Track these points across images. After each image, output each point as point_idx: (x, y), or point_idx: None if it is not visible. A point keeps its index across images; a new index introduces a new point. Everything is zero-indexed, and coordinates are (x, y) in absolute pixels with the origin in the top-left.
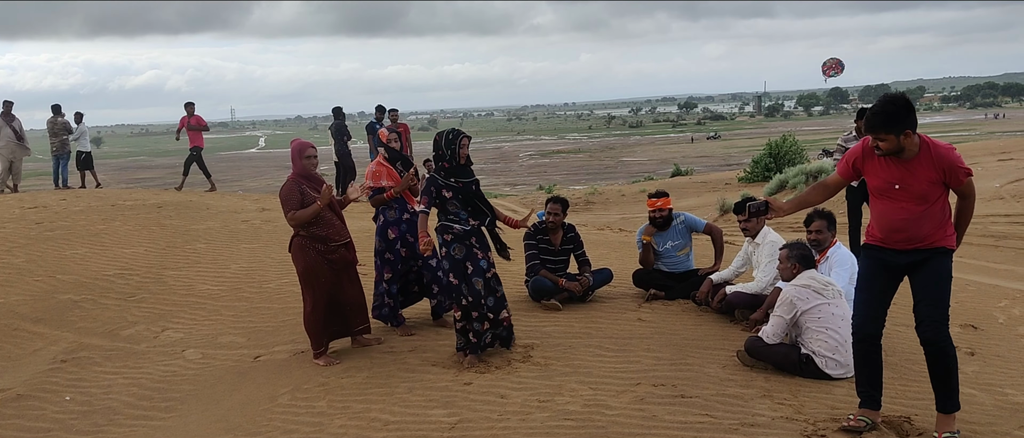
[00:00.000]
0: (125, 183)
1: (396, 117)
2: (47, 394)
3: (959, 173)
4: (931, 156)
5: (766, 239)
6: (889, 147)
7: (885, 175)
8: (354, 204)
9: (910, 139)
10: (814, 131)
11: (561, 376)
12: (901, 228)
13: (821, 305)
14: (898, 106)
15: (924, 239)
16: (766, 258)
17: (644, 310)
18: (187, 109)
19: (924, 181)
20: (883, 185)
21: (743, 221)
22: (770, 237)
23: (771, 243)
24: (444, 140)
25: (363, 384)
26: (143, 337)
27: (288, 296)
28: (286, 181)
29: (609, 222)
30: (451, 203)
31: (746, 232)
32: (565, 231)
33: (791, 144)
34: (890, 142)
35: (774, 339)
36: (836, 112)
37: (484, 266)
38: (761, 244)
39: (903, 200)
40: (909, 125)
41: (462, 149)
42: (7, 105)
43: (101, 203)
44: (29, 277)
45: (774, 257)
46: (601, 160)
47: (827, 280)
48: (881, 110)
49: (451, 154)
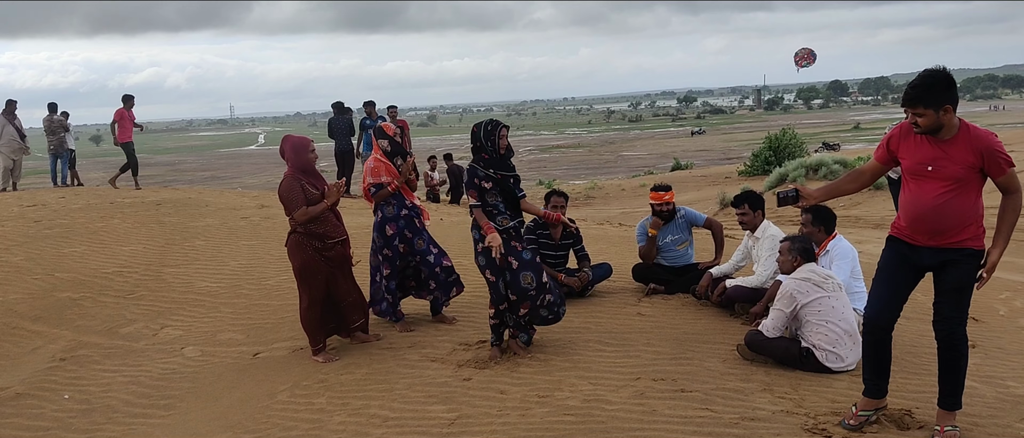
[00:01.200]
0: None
1: (395, 113)
2: (46, 392)
3: (1000, 161)
4: (970, 137)
5: (766, 233)
6: (928, 123)
7: (920, 155)
8: (352, 200)
9: (949, 117)
10: (814, 125)
11: (561, 371)
12: (926, 216)
13: (821, 298)
14: (938, 80)
15: (948, 233)
16: (766, 252)
17: (644, 304)
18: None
19: (960, 164)
20: (915, 166)
21: (742, 215)
22: (770, 231)
23: (771, 237)
24: (483, 132)
25: (362, 380)
26: (142, 335)
27: (287, 292)
28: (284, 178)
29: (609, 216)
30: (490, 195)
31: (744, 226)
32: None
33: (791, 138)
34: (928, 118)
35: (774, 332)
36: (836, 105)
37: (528, 257)
38: (761, 238)
39: (935, 180)
40: (949, 101)
41: (502, 139)
42: (10, 104)
43: (100, 201)
44: (28, 275)
45: (774, 251)
46: (600, 155)
47: (827, 273)
48: (920, 83)
49: (491, 146)
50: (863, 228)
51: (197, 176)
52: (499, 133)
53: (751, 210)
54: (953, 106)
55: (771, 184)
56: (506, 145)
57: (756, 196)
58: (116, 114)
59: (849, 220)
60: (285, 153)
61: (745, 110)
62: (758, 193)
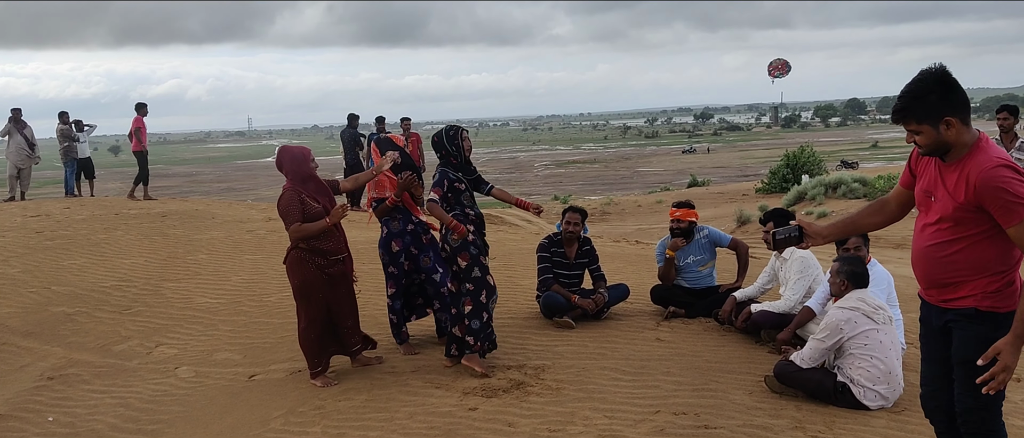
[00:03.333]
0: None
1: (408, 126)
2: (30, 414)
3: (1007, 201)
4: (971, 164)
5: (794, 254)
6: (928, 142)
7: (926, 179)
8: (358, 214)
9: (956, 132)
10: (831, 142)
11: (574, 402)
12: (918, 262)
13: (870, 331)
14: (930, 84)
15: (947, 287)
16: (795, 274)
17: (663, 329)
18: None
19: (951, 199)
20: (920, 194)
21: (767, 234)
22: (798, 253)
23: (800, 259)
24: (445, 138)
25: (361, 408)
26: (135, 353)
27: (288, 310)
28: (284, 192)
29: (625, 233)
30: (465, 197)
31: (770, 246)
32: (580, 244)
33: (809, 155)
34: (927, 135)
35: (809, 364)
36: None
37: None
38: (789, 259)
39: (929, 217)
40: (952, 110)
41: (465, 142)
42: (16, 113)
43: (105, 212)
44: (23, 288)
45: (804, 273)
46: (616, 170)
47: (878, 303)
48: (909, 89)
49: (456, 149)
50: (883, 248)
51: (213, 187)
52: (461, 136)
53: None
54: (960, 117)
55: (789, 201)
56: (470, 147)
57: (786, 214)
58: (135, 122)
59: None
60: (283, 165)
61: (762, 127)
62: (788, 211)
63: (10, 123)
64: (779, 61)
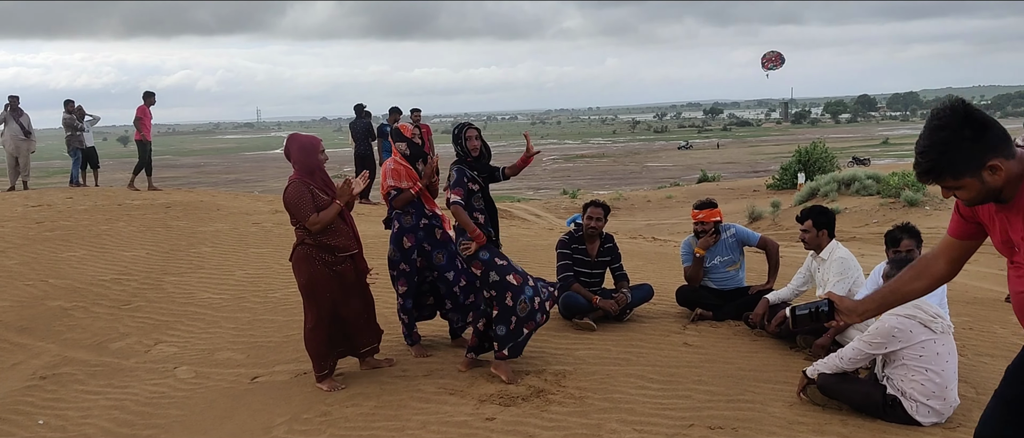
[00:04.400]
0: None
1: (418, 117)
2: (19, 416)
3: None
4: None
5: (833, 255)
6: (974, 195)
7: (994, 228)
8: (371, 207)
9: (1004, 172)
10: (842, 139)
11: (599, 413)
12: (1016, 310)
13: (926, 341)
14: (955, 130)
15: None
16: (834, 276)
17: (690, 333)
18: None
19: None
20: (999, 245)
21: (804, 232)
22: (838, 253)
23: (840, 259)
24: (453, 135)
25: (370, 415)
26: (133, 351)
27: (294, 307)
28: (290, 183)
29: (635, 227)
30: (476, 198)
31: (807, 245)
32: (602, 241)
33: (821, 151)
34: (970, 188)
35: (850, 366)
36: (864, 120)
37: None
38: (827, 260)
39: (1020, 259)
40: (989, 152)
41: (469, 142)
42: (13, 100)
43: (108, 202)
44: (20, 281)
45: (844, 275)
46: (625, 165)
47: (936, 311)
48: (930, 144)
49: (461, 148)
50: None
51: (221, 178)
52: (465, 134)
53: (815, 228)
54: (1004, 155)
55: (802, 198)
56: (478, 147)
57: (823, 213)
58: (139, 111)
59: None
60: (291, 154)
61: (772, 123)
62: (827, 209)
63: (6, 110)
64: (772, 53)
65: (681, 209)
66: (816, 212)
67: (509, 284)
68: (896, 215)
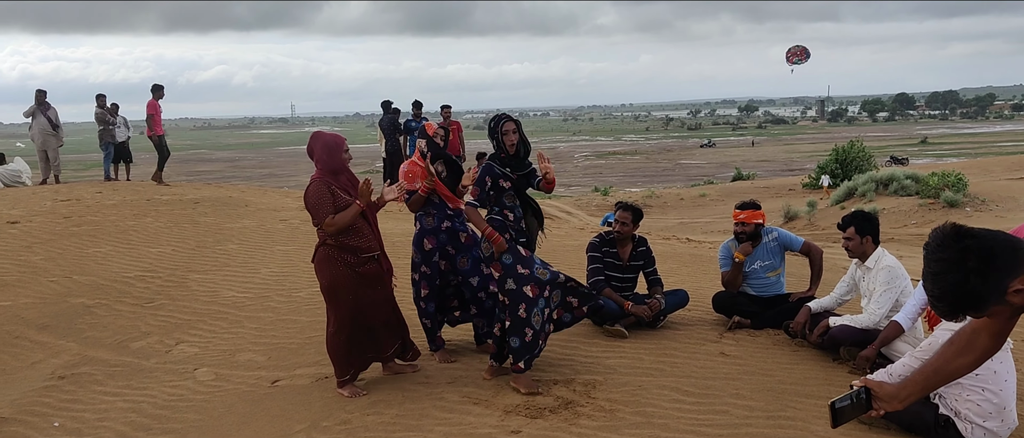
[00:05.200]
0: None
1: (448, 114)
2: (35, 418)
3: None
4: None
5: (879, 263)
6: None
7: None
8: (397, 205)
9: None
10: (879, 137)
11: (631, 428)
12: None
13: None
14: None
15: None
16: (881, 286)
17: (727, 342)
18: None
19: None
20: None
21: (847, 239)
22: (885, 261)
23: (887, 268)
24: (489, 128)
25: (390, 424)
26: (154, 351)
27: (318, 308)
28: (312, 182)
29: (667, 226)
30: (508, 197)
31: (851, 253)
32: (635, 244)
33: (859, 150)
34: (1002, 314)
35: (897, 380)
36: (901, 118)
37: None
38: (873, 269)
39: None
40: (1005, 277)
41: (505, 136)
42: (40, 94)
43: (136, 197)
44: (44, 277)
45: (891, 285)
46: (658, 162)
47: None
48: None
49: (496, 143)
50: None
51: (255, 173)
52: (502, 128)
53: (858, 235)
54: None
55: (838, 198)
56: (514, 143)
57: (867, 219)
58: (149, 106)
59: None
60: (314, 152)
61: (807, 121)
62: (871, 214)
63: (34, 105)
64: (797, 47)
65: (715, 207)
66: (859, 218)
67: (524, 295)
68: (936, 216)
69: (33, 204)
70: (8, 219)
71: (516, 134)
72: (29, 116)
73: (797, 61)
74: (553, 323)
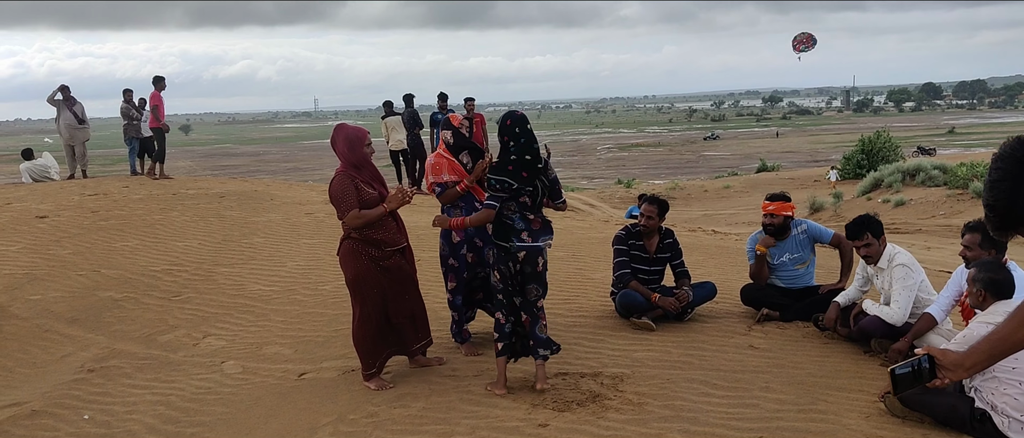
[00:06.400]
0: (211, 170)
1: (472, 106)
2: (65, 411)
3: None
4: None
5: (893, 262)
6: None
7: None
8: (422, 198)
9: None
10: (905, 128)
11: (660, 421)
12: None
13: (1020, 352)
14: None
15: None
16: (897, 286)
17: (756, 334)
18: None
19: None
20: None
21: (866, 247)
22: (899, 259)
23: (900, 266)
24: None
25: (418, 417)
26: (181, 344)
27: (344, 301)
28: (336, 176)
29: (691, 218)
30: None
31: (869, 260)
32: (662, 236)
33: (885, 141)
34: None
35: None
36: (928, 108)
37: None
38: (885, 268)
39: None
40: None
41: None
42: (65, 90)
43: (163, 192)
44: (73, 271)
45: (906, 283)
46: (681, 154)
47: None
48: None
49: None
50: None
51: (280, 167)
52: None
53: (875, 238)
54: None
55: (865, 189)
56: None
57: (875, 222)
58: (152, 98)
59: (950, 230)
60: (337, 145)
61: (833, 111)
62: (874, 216)
63: (59, 99)
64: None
65: (739, 199)
66: (871, 224)
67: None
68: (964, 207)
69: (61, 199)
70: (37, 214)
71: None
72: (53, 104)
73: (804, 48)
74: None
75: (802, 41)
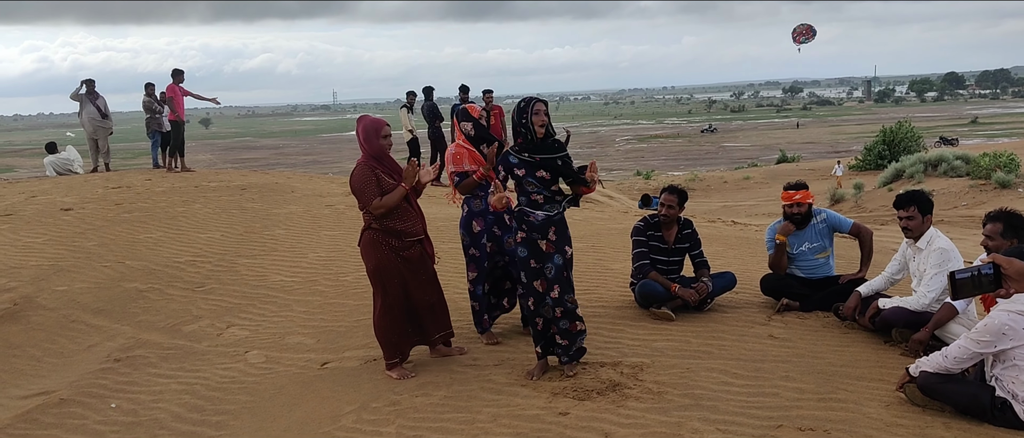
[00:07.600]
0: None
1: (490, 99)
2: (92, 399)
3: None
4: None
5: (932, 245)
6: None
7: None
8: (439, 188)
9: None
10: (927, 118)
11: (680, 410)
12: None
13: None
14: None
15: None
16: (932, 268)
17: (776, 324)
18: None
19: None
20: None
21: (907, 218)
22: (937, 243)
23: (939, 250)
24: (516, 110)
25: (440, 406)
26: (205, 334)
27: (365, 291)
28: (357, 166)
29: (710, 209)
30: (527, 183)
31: (908, 233)
32: (680, 227)
33: (907, 131)
34: None
35: (955, 365)
36: (951, 98)
37: (560, 263)
38: (925, 249)
39: None
40: None
41: (535, 116)
42: (89, 84)
43: (185, 184)
44: (98, 263)
45: (942, 266)
46: (700, 145)
47: None
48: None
49: (525, 127)
50: None
51: (300, 160)
52: (533, 108)
53: (920, 213)
54: None
55: (886, 180)
56: (543, 122)
57: (926, 198)
58: (169, 90)
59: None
60: (358, 136)
61: (854, 102)
62: (928, 194)
63: (84, 95)
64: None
65: (759, 190)
66: (920, 198)
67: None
68: (987, 198)
69: (85, 191)
70: (62, 206)
71: (547, 115)
72: (76, 100)
73: (804, 40)
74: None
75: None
